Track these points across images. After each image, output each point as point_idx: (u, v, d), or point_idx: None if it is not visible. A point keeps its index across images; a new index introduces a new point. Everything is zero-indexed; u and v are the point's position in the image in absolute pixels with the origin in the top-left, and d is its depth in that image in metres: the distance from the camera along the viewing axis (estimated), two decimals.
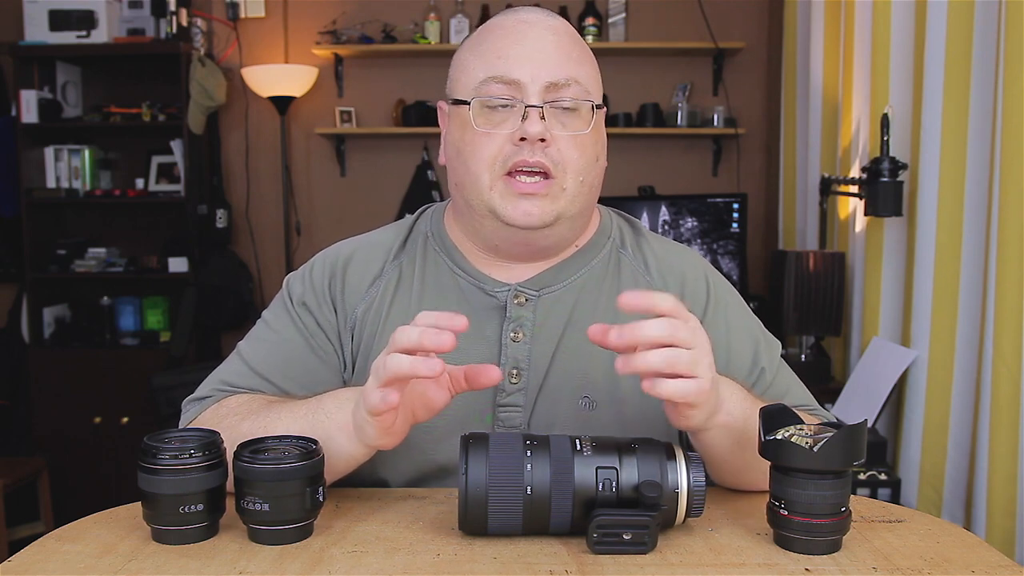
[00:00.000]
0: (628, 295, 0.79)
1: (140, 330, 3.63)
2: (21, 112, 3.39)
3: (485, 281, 1.03)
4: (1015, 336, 1.74)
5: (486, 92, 0.97)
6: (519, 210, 0.96)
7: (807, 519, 0.78)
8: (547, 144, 0.95)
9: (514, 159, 0.95)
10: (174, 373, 3.27)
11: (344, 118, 3.64)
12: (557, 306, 1.03)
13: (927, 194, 2.06)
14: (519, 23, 0.99)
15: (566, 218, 0.99)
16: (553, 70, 0.96)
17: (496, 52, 0.97)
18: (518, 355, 1.00)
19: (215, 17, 3.68)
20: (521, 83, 0.95)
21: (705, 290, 1.07)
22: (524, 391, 1.00)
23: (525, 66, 0.96)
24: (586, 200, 1.00)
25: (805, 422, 0.82)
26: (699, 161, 3.67)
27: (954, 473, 2.01)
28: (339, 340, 1.05)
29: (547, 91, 0.96)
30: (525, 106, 0.95)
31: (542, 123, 0.95)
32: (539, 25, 0.99)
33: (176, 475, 0.79)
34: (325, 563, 0.77)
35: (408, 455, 0.98)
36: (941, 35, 2.00)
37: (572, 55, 0.99)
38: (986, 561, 0.78)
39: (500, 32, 0.99)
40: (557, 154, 0.96)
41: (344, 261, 1.08)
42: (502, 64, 0.96)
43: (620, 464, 0.79)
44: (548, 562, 0.76)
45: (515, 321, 1.01)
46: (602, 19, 3.54)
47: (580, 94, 0.97)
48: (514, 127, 0.96)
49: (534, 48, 0.97)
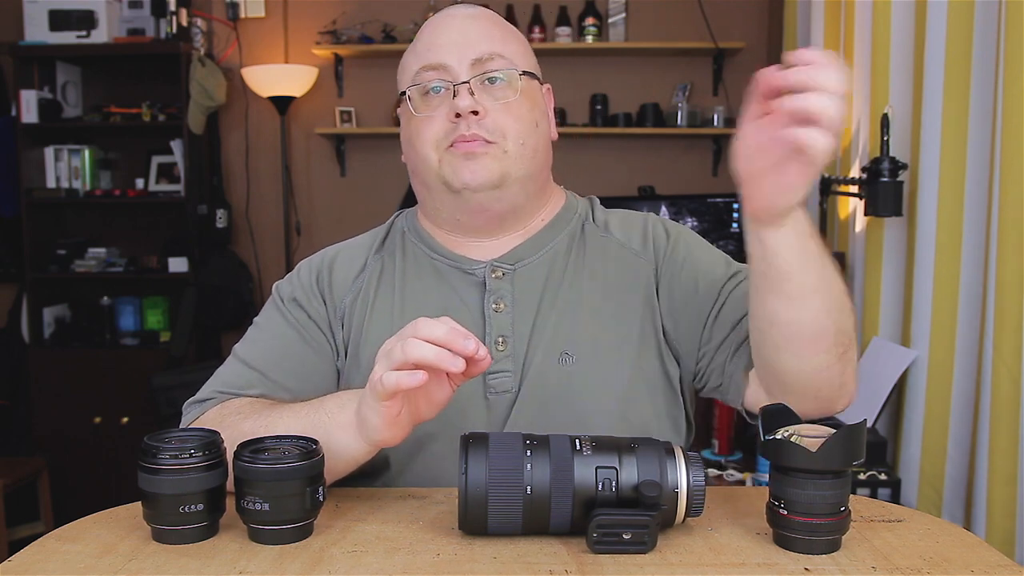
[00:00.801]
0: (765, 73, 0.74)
1: (140, 330, 3.63)
2: (21, 112, 3.39)
3: (462, 261, 1.09)
4: (1015, 336, 1.74)
5: (419, 80, 1.05)
6: (466, 170, 1.02)
7: (807, 519, 0.78)
8: (481, 116, 1.02)
9: (453, 135, 1.02)
10: (174, 373, 3.28)
11: (344, 118, 3.64)
12: (532, 276, 1.08)
13: (927, 194, 2.06)
14: (444, 16, 1.08)
15: (513, 179, 1.04)
16: (475, 48, 1.04)
17: (425, 44, 1.07)
18: (502, 324, 1.05)
19: (215, 17, 3.68)
20: (448, 66, 1.03)
21: (664, 231, 1.12)
22: (511, 356, 1.05)
23: (450, 50, 1.04)
24: (531, 163, 1.06)
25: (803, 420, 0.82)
26: (699, 161, 3.67)
27: (954, 473, 2.01)
28: (330, 330, 1.10)
29: (473, 67, 1.03)
30: (454, 85, 1.02)
31: (471, 97, 1.01)
32: (460, 15, 1.08)
33: (176, 475, 0.79)
34: (325, 563, 0.77)
35: None
36: (941, 35, 2.00)
37: (494, 34, 1.06)
38: (986, 561, 0.78)
39: (429, 28, 1.08)
40: (492, 123, 1.02)
41: (329, 260, 1.14)
42: (430, 54, 1.05)
43: (620, 464, 0.79)
44: (548, 562, 0.77)
45: (495, 293, 1.07)
46: (602, 19, 3.54)
47: (504, 65, 1.04)
48: (449, 107, 1.02)
49: (457, 33, 1.05)
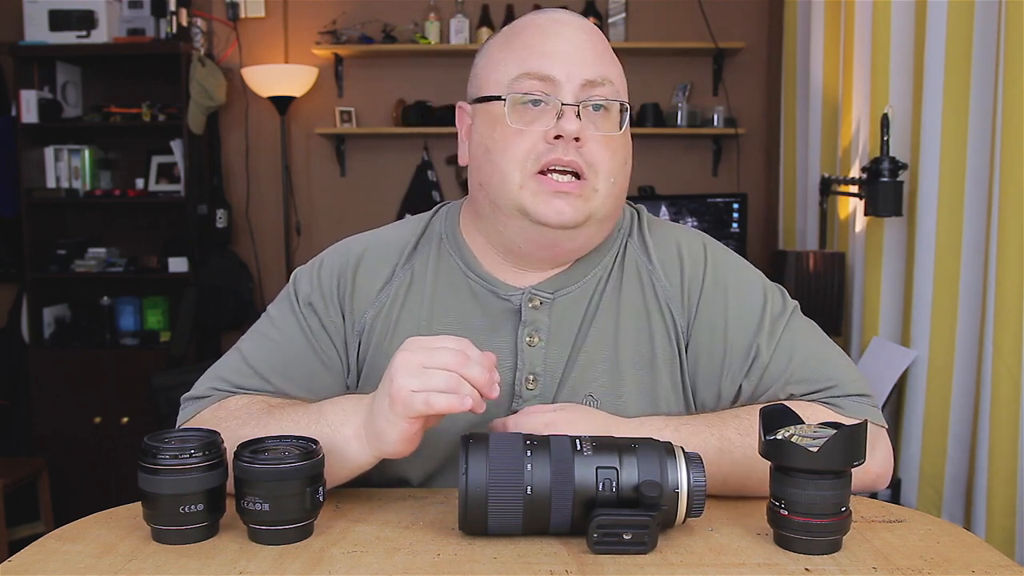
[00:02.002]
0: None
1: (140, 330, 3.63)
2: (21, 112, 3.39)
3: (498, 285, 1.01)
4: (1015, 336, 1.74)
5: (520, 88, 0.95)
6: (552, 208, 0.94)
7: (807, 519, 0.78)
8: (581, 144, 0.94)
9: (548, 157, 0.94)
10: (174, 373, 3.27)
11: (344, 118, 3.64)
12: (572, 308, 1.01)
13: (927, 194, 2.06)
14: (552, 22, 0.98)
15: (595, 220, 0.97)
16: (589, 68, 0.95)
17: (530, 48, 0.96)
18: (534, 360, 0.99)
19: (215, 17, 3.68)
20: (557, 80, 0.94)
21: (703, 266, 1.03)
22: (540, 396, 0.98)
23: (561, 62, 0.94)
24: (615, 203, 0.99)
25: (804, 421, 0.82)
26: (699, 161, 3.67)
27: (954, 473, 2.01)
28: (344, 345, 1.03)
29: (582, 89, 0.95)
30: (561, 104, 0.94)
31: (578, 121, 0.93)
32: (572, 24, 0.98)
33: (176, 475, 0.79)
34: (325, 563, 0.77)
35: (429, 453, 0.97)
36: (941, 35, 2.00)
37: (605, 56, 0.98)
38: (986, 561, 0.78)
39: (533, 30, 0.97)
40: (589, 154, 0.94)
41: (355, 262, 1.05)
42: (536, 61, 0.95)
43: (620, 464, 0.79)
44: (548, 562, 0.76)
45: (530, 325, 0.99)
46: (602, 19, 3.53)
47: (612, 93, 0.96)
48: (547, 125, 0.94)
49: (570, 45, 0.95)
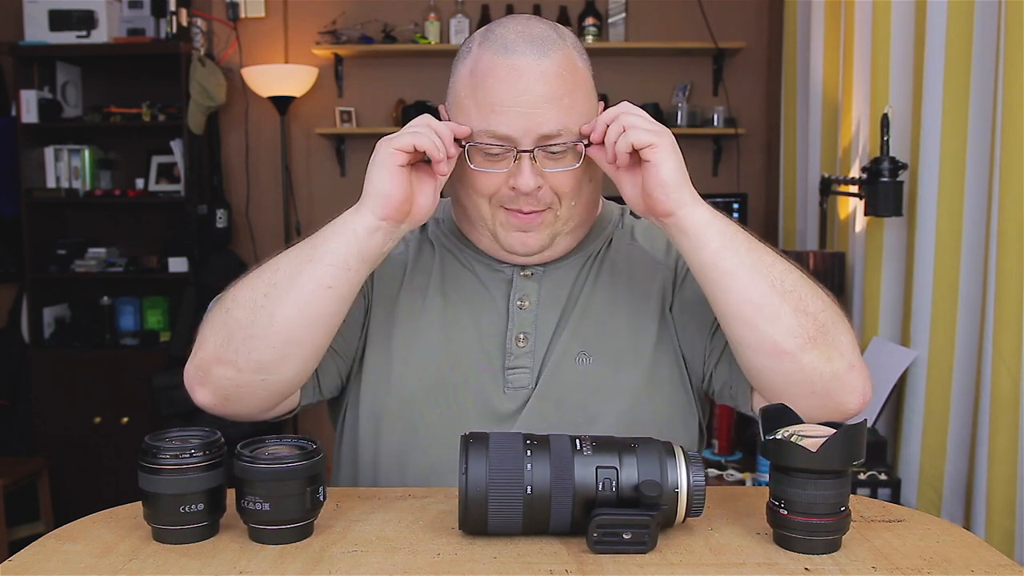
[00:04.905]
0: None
1: (140, 330, 3.63)
2: (21, 112, 3.39)
3: (492, 262, 1.11)
4: (1015, 336, 1.74)
5: (480, 139, 1.00)
6: (517, 240, 1.05)
7: (807, 519, 0.78)
8: (540, 188, 1.01)
9: (510, 205, 1.02)
10: (174, 373, 3.27)
11: (344, 118, 3.64)
12: (561, 280, 1.10)
13: (927, 194, 2.06)
14: (511, 71, 0.98)
15: (563, 234, 1.07)
16: (546, 122, 0.98)
17: (490, 105, 0.98)
18: (525, 321, 1.08)
19: (215, 17, 3.68)
20: (514, 137, 0.99)
21: None
22: (531, 354, 1.07)
23: (519, 121, 0.98)
24: (582, 214, 1.07)
25: (804, 421, 0.82)
26: (699, 161, 3.66)
27: (954, 473, 2.01)
28: (364, 298, 1.10)
29: (538, 141, 0.99)
30: (517, 151, 0.99)
31: (534, 171, 0.99)
32: (529, 74, 0.98)
33: (176, 475, 0.79)
34: (325, 563, 0.77)
35: (429, 453, 1.05)
36: (941, 35, 2.00)
37: (563, 101, 0.99)
38: (986, 561, 0.78)
39: (493, 81, 0.98)
40: (548, 194, 1.02)
41: None
42: (495, 119, 0.98)
43: (620, 463, 0.79)
44: (548, 562, 0.77)
45: (521, 291, 1.09)
46: (602, 19, 3.54)
47: (570, 138, 1.00)
48: (508, 166, 1.00)
49: (529, 98, 0.98)
